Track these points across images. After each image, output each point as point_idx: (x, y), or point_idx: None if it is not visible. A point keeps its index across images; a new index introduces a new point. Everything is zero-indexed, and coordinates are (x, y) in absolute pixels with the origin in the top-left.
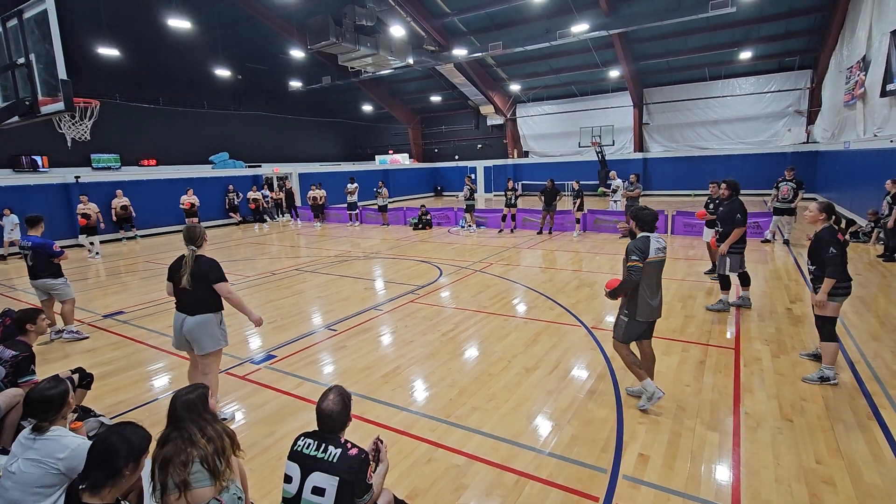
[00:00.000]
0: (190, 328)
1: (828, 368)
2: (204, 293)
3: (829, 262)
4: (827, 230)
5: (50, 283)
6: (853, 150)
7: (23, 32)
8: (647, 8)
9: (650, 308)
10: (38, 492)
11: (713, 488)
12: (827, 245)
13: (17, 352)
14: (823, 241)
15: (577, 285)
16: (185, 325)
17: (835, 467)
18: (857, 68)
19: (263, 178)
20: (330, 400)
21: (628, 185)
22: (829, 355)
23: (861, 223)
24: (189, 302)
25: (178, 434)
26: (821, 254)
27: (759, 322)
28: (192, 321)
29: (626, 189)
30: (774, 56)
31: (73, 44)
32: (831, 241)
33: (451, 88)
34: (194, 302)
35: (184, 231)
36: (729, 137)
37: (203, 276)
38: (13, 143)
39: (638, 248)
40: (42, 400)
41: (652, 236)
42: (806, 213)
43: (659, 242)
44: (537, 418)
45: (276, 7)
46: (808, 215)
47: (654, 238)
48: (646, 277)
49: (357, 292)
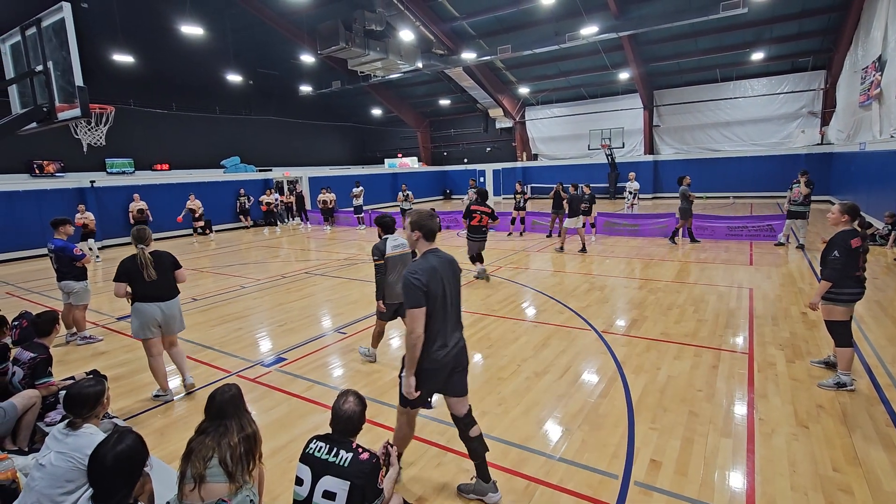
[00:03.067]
0: (172, 311)
1: (844, 374)
2: (170, 278)
3: (828, 265)
4: (841, 234)
5: (72, 285)
6: (869, 151)
7: (41, 41)
8: (657, 9)
9: (395, 292)
10: (65, 486)
11: (727, 495)
12: (832, 247)
13: (35, 354)
14: (833, 243)
15: (587, 289)
16: (167, 310)
17: (852, 475)
18: (873, 68)
19: (274, 182)
20: (350, 402)
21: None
22: (845, 361)
23: (878, 226)
24: (163, 289)
25: (214, 428)
26: (826, 255)
27: (773, 326)
28: (172, 304)
29: None
30: (787, 57)
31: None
32: (838, 245)
33: (459, 92)
34: (168, 287)
35: (134, 232)
36: (741, 139)
37: (171, 264)
38: (31, 148)
39: (378, 248)
40: (79, 396)
41: (389, 237)
42: (828, 215)
43: (395, 241)
44: (547, 423)
45: (287, 13)
46: (830, 217)
47: (391, 238)
48: (391, 268)
49: (366, 295)
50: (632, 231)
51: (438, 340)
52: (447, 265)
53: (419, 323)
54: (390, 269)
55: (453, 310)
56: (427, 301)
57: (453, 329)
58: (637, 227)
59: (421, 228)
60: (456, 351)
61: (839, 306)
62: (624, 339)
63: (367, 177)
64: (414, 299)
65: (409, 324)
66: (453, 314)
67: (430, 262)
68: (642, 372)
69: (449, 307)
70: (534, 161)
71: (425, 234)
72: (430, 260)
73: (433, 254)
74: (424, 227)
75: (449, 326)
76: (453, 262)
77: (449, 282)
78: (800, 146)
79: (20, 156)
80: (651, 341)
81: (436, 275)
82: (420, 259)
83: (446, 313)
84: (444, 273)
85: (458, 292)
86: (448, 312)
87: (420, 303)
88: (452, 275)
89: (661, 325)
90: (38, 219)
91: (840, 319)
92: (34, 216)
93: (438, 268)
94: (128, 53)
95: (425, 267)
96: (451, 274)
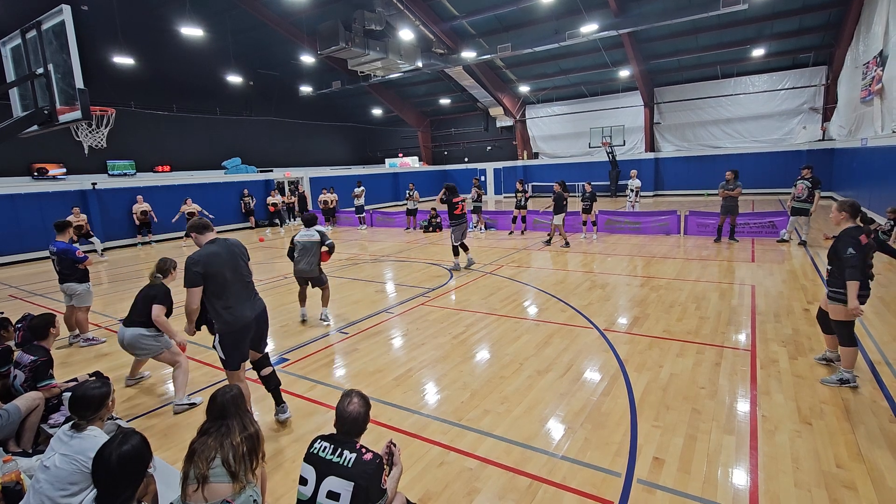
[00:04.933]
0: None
1: (847, 371)
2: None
3: (847, 264)
4: (847, 231)
5: (74, 287)
6: (871, 147)
7: (42, 43)
8: (657, 6)
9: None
10: (68, 488)
11: (730, 493)
12: (846, 245)
13: (36, 356)
14: (843, 240)
15: (588, 287)
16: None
17: (856, 472)
18: (874, 64)
19: (275, 183)
20: (355, 404)
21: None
22: (849, 360)
23: (880, 221)
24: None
25: (216, 428)
26: (839, 254)
27: (775, 323)
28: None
29: None
30: (788, 53)
31: (89, 53)
32: (851, 242)
33: (460, 91)
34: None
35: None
36: (742, 136)
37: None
38: (32, 151)
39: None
40: (84, 398)
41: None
42: (830, 216)
43: (306, 233)
44: (550, 421)
45: (287, 14)
46: (831, 217)
47: (305, 231)
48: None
49: (368, 295)
50: (633, 229)
51: (228, 307)
52: (227, 248)
53: (194, 297)
54: (297, 253)
55: (238, 283)
56: (206, 280)
57: (241, 298)
58: (639, 224)
59: (193, 230)
60: (251, 314)
61: (846, 307)
62: (626, 337)
63: (368, 177)
64: (189, 280)
65: (187, 298)
66: (238, 285)
67: (209, 249)
68: (645, 370)
69: (230, 281)
70: (535, 160)
71: (198, 231)
72: (211, 248)
73: (213, 242)
74: (195, 227)
75: (233, 296)
76: (235, 245)
77: (228, 260)
78: (801, 142)
79: (22, 158)
80: (653, 339)
81: (217, 258)
82: (202, 248)
83: (229, 283)
84: (225, 255)
85: (240, 267)
86: (230, 284)
87: (195, 283)
88: (232, 255)
89: (664, 323)
90: (39, 221)
91: (845, 319)
92: (36, 219)
93: (218, 251)
94: (128, 55)
95: (204, 253)
96: (231, 255)
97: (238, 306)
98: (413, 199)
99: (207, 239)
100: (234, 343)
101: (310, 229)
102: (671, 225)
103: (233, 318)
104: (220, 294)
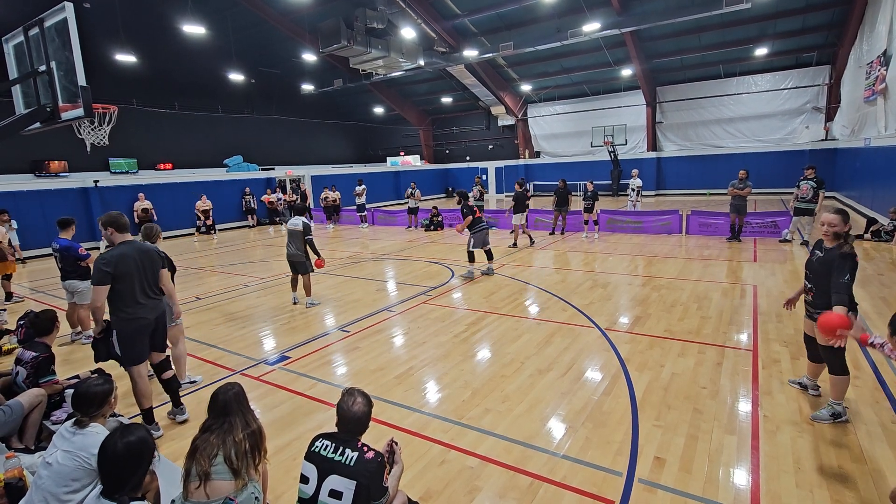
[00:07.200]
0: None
1: (837, 404)
2: None
3: (841, 289)
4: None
5: (76, 285)
6: (874, 146)
7: (44, 41)
8: (660, 5)
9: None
10: (71, 485)
11: (731, 493)
12: (843, 271)
13: (37, 353)
14: (845, 262)
15: (590, 286)
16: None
17: (858, 472)
18: (878, 63)
19: (277, 181)
20: (358, 403)
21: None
22: (840, 390)
23: (883, 222)
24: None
25: (218, 425)
26: (837, 276)
27: (777, 323)
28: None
29: None
30: (791, 52)
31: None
32: (851, 268)
33: (461, 90)
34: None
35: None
36: (745, 135)
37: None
38: (35, 148)
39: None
40: (87, 395)
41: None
42: (824, 225)
43: (293, 221)
44: (551, 420)
45: (288, 11)
46: (832, 228)
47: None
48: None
49: (369, 294)
50: (635, 228)
51: (130, 306)
52: (137, 251)
53: (101, 295)
54: (287, 239)
55: (144, 283)
56: (114, 280)
57: (143, 297)
58: (640, 224)
59: (112, 224)
60: (151, 315)
61: None
62: (627, 337)
63: (369, 175)
64: (98, 279)
65: (92, 295)
66: (143, 286)
67: (121, 250)
68: (646, 369)
69: (138, 281)
70: (536, 158)
71: (116, 228)
72: (122, 248)
73: (125, 244)
74: (115, 223)
75: (138, 296)
76: (148, 251)
77: (138, 263)
78: (804, 142)
79: (24, 156)
80: (654, 338)
81: (125, 259)
82: (114, 247)
83: (135, 286)
84: (134, 257)
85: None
86: (136, 285)
87: (104, 281)
88: (142, 259)
89: (665, 323)
90: (41, 219)
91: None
92: (38, 216)
93: (129, 253)
94: (130, 53)
95: (114, 254)
96: (142, 259)
97: (138, 308)
98: (414, 197)
99: (122, 239)
100: (130, 341)
101: (296, 218)
102: (673, 224)
103: (131, 318)
104: (124, 294)
